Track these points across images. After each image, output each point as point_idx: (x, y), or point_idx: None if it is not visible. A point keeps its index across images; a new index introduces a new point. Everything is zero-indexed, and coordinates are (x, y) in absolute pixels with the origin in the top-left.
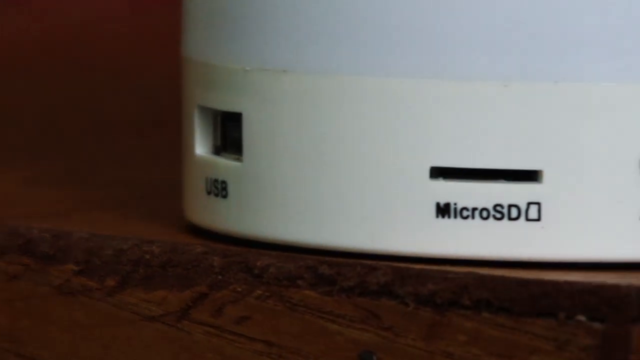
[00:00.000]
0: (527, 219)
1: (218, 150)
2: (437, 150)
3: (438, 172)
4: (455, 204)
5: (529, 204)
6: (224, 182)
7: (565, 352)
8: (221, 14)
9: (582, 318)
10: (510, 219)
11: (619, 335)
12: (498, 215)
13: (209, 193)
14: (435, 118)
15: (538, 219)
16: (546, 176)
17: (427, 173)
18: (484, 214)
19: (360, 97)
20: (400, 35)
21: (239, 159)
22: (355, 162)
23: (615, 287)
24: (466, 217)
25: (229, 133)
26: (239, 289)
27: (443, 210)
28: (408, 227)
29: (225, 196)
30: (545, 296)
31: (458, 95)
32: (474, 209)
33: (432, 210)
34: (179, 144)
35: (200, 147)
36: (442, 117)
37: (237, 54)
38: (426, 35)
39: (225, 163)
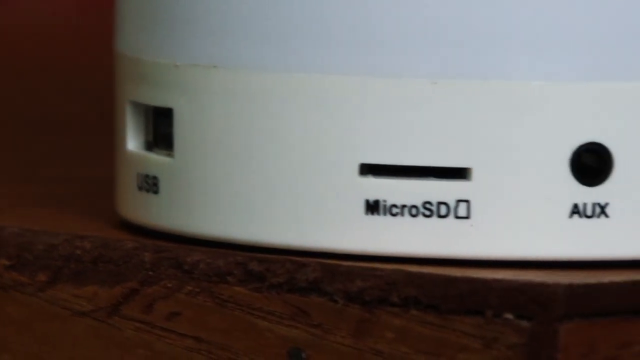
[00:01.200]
0: (456, 217)
1: (150, 145)
2: (366, 147)
3: (367, 169)
4: (384, 201)
5: (458, 201)
6: (155, 177)
7: (492, 350)
8: (152, 9)
9: (509, 316)
10: (439, 216)
11: (546, 333)
12: (427, 213)
13: (140, 189)
14: (364, 115)
15: (467, 217)
16: (475, 174)
17: (356, 170)
18: (413, 211)
19: (289, 94)
20: (329, 32)
21: (170, 155)
22: (284, 159)
23: (543, 285)
24: (395, 215)
25: (160, 129)
26: (170, 285)
27: (372, 207)
28: (337, 223)
29: (156, 192)
30: (473, 294)
31: (387, 93)
32: (404, 206)
33: (362, 207)
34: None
35: (132, 142)
36: (371, 114)
37: (167, 50)
38: (355, 33)
39: (156, 159)
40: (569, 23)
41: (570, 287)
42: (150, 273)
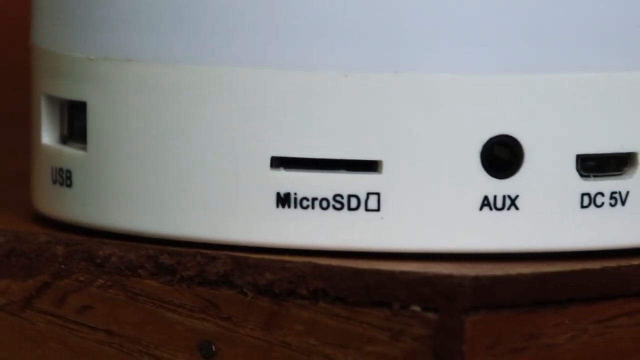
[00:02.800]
0: (367, 209)
1: (65, 139)
2: (277, 140)
3: (279, 162)
4: (295, 194)
5: (369, 194)
6: (68, 171)
7: (399, 342)
8: (66, 3)
9: (416, 308)
10: (349, 209)
11: (452, 325)
12: (338, 206)
13: (54, 182)
14: (275, 108)
15: (377, 210)
16: (386, 166)
17: (267, 163)
18: (324, 204)
19: (201, 87)
20: (241, 25)
21: (84, 149)
22: (196, 152)
23: (449, 278)
24: (306, 207)
25: (75, 122)
26: (82, 279)
27: (283, 200)
28: (248, 216)
29: (70, 185)
30: (381, 286)
31: (298, 85)
32: (314, 199)
33: (273, 200)
34: None
35: (47, 136)
36: (282, 107)
37: (81, 43)
38: (266, 25)
39: (70, 152)
40: (480, 16)
41: (476, 279)
42: (63, 266)
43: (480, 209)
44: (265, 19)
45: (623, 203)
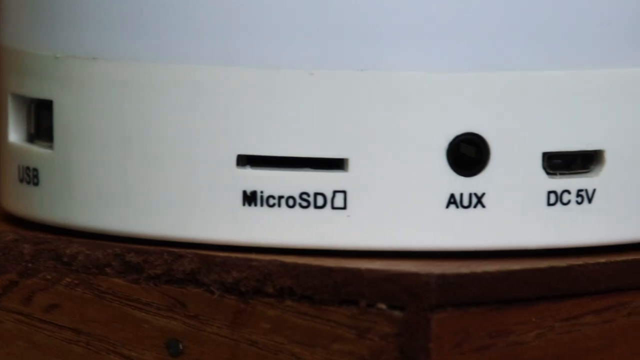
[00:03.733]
0: (333, 207)
1: (31, 138)
2: (243, 138)
3: (245, 160)
4: (261, 192)
5: (335, 192)
6: (35, 169)
7: (366, 340)
8: (32, 2)
9: (382, 306)
10: (316, 207)
11: (418, 323)
12: (304, 204)
13: (21, 181)
14: (241, 106)
15: (344, 208)
16: (352, 165)
17: (234, 161)
18: (290, 202)
19: (166, 85)
20: (206, 23)
21: (51, 147)
22: (162, 150)
23: (415, 276)
24: (272, 205)
25: (42, 121)
26: (49, 277)
27: (250, 198)
28: (215, 215)
29: (36, 184)
30: (347, 284)
31: (264, 83)
32: (281, 197)
33: (239, 198)
34: None
35: (14, 134)
36: (248, 105)
37: (48, 42)
38: (232, 23)
39: (37, 151)
40: (446, 14)
41: (442, 277)
42: (30, 265)
43: (447, 206)
44: (231, 17)
45: (590, 201)
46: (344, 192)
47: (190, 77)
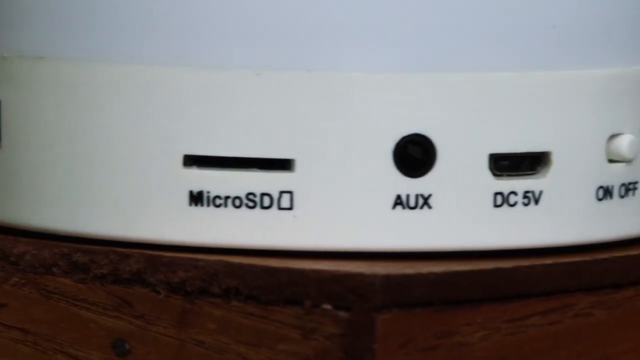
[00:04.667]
0: (280, 208)
1: None
2: (190, 138)
3: (192, 161)
4: (208, 192)
5: (282, 192)
6: None
7: (311, 341)
8: None
9: (328, 306)
10: (262, 207)
11: (363, 323)
12: (251, 204)
13: None
14: (188, 106)
15: (290, 208)
16: (298, 165)
17: (180, 161)
18: (237, 202)
19: (113, 85)
20: (153, 23)
21: None
22: (108, 150)
23: (360, 276)
24: (219, 206)
25: None
26: None
27: (196, 198)
28: (161, 215)
29: None
30: (293, 285)
31: (211, 84)
32: (227, 198)
33: (185, 198)
34: None
35: None
36: (195, 106)
37: None
38: (179, 24)
39: None
40: (393, 15)
41: (388, 278)
42: None
43: (393, 207)
44: (178, 18)
45: (536, 202)
46: (291, 192)
47: (136, 77)
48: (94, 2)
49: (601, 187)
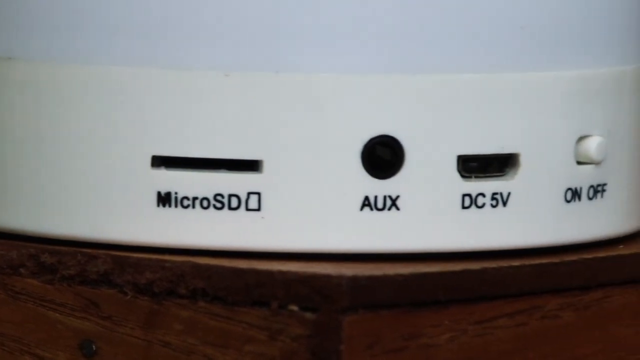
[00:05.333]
0: (247, 209)
1: None
2: (158, 139)
3: (159, 161)
4: (176, 193)
5: (249, 193)
6: None
7: (277, 342)
8: None
9: (294, 308)
10: (230, 208)
11: (330, 325)
12: (218, 205)
13: None
14: (156, 107)
15: (258, 209)
16: (266, 166)
17: (148, 162)
18: (205, 203)
19: (81, 85)
20: (121, 24)
21: None
22: (77, 151)
23: (327, 278)
24: (187, 207)
25: None
26: None
27: (164, 199)
28: (129, 215)
29: None
30: (259, 286)
31: (179, 85)
32: (195, 199)
33: (153, 199)
34: None
35: None
36: (163, 107)
37: None
38: (147, 25)
39: None
40: (361, 17)
41: (354, 279)
42: None
43: (361, 209)
44: (146, 19)
45: (504, 204)
46: (258, 193)
47: (105, 78)
48: (61, 4)
49: (569, 189)
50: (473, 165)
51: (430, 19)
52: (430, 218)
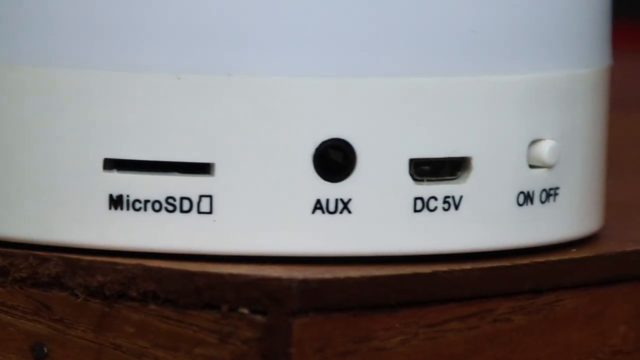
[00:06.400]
0: (199, 212)
1: None
2: (110, 142)
3: (111, 164)
4: (128, 195)
5: (201, 196)
6: None
7: (228, 345)
8: None
9: (244, 311)
10: (182, 211)
11: (280, 327)
12: (170, 208)
13: None
14: (108, 110)
15: (210, 212)
16: (218, 169)
17: (100, 164)
18: (156, 206)
19: (32, 88)
20: (72, 26)
21: None
22: (29, 153)
23: (277, 280)
24: (139, 209)
25: None
26: None
27: (116, 202)
28: (81, 218)
29: None
30: (210, 289)
31: (131, 87)
32: (147, 201)
33: (105, 201)
34: None
35: None
36: (115, 109)
37: None
38: (99, 26)
39: None
40: (312, 19)
41: (304, 282)
42: None
43: (313, 212)
44: (97, 20)
45: (456, 207)
46: (210, 196)
47: (56, 80)
48: (6, 4)
49: (522, 192)
50: (425, 169)
51: (381, 22)
52: (382, 221)
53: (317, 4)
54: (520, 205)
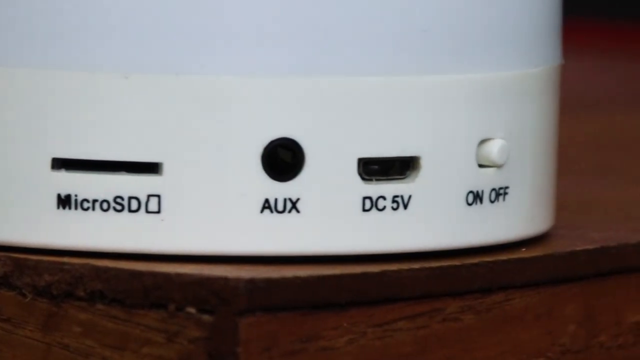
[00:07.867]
0: (147, 211)
1: None
2: (58, 141)
3: (59, 164)
4: (76, 195)
5: (149, 196)
6: None
7: (175, 344)
8: None
9: (191, 310)
10: (130, 211)
11: (227, 327)
12: (118, 207)
13: None
14: (55, 109)
15: (158, 212)
16: (166, 168)
17: (48, 164)
18: (105, 205)
19: None
20: (19, 25)
21: None
22: None
23: (224, 280)
24: (87, 209)
25: None
26: None
27: (64, 201)
28: (29, 217)
29: None
30: (157, 288)
31: (78, 86)
32: (95, 201)
33: (53, 201)
34: None
35: None
36: (62, 108)
37: None
38: (46, 25)
39: None
40: (259, 18)
41: (251, 282)
42: None
43: (261, 211)
44: (45, 19)
45: (405, 207)
46: (158, 196)
47: (3, 79)
48: None
49: (471, 191)
50: (374, 168)
51: (330, 21)
52: (331, 221)
53: (264, 4)
54: (469, 204)
